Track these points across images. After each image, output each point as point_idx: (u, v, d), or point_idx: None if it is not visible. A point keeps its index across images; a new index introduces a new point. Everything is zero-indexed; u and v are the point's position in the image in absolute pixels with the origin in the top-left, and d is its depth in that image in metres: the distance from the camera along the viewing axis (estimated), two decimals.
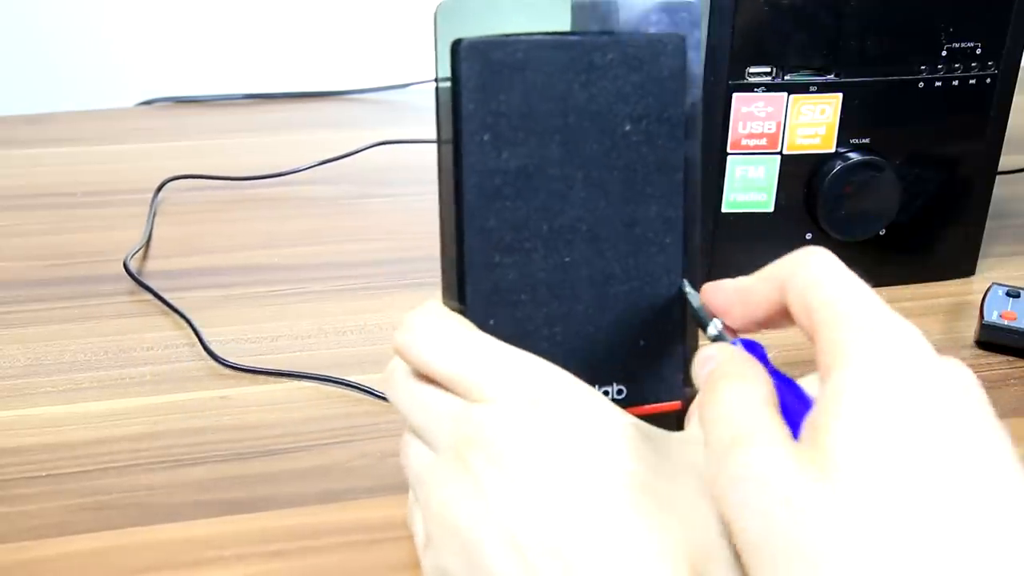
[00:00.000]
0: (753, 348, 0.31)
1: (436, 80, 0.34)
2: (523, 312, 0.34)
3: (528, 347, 0.32)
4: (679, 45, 0.35)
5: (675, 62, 0.35)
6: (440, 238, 0.35)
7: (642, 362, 0.36)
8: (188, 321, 0.54)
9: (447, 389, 0.32)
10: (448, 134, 0.34)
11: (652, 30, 0.35)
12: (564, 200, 0.34)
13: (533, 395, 0.31)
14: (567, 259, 0.35)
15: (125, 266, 0.60)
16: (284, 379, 0.50)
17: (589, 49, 0.34)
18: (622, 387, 0.36)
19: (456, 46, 0.33)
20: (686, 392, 0.36)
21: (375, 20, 1.05)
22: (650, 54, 0.34)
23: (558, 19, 0.35)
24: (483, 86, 0.33)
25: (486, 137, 0.33)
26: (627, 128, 0.34)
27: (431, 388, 0.33)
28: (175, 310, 0.55)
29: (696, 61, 0.35)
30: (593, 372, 0.34)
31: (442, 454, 0.32)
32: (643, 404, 0.36)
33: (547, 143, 0.34)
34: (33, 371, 0.51)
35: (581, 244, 0.35)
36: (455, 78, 0.33)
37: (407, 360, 0.34)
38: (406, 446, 0.35)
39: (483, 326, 0.33)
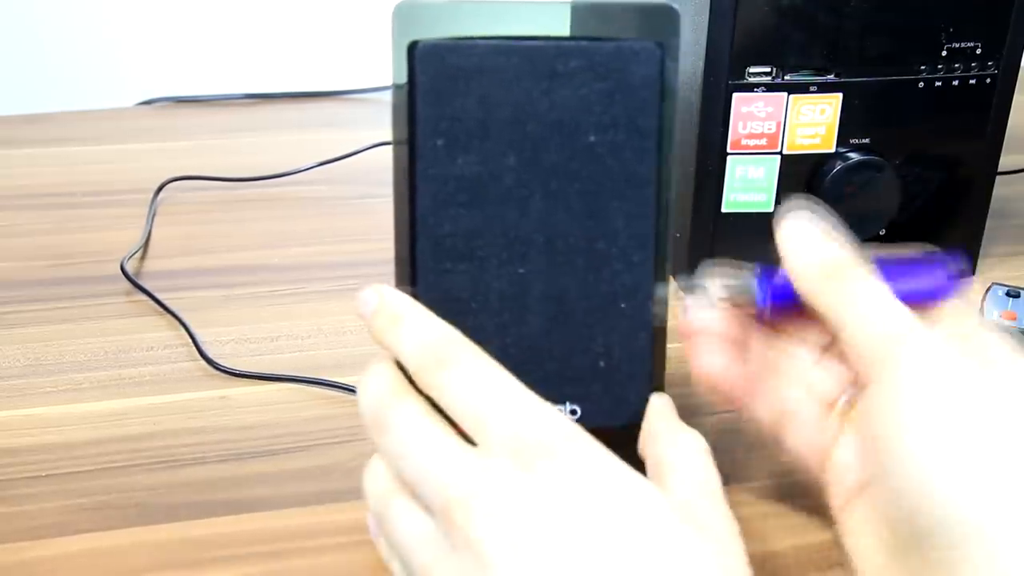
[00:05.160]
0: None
1: (393, 82, 0.33)
2: (473, 320, 0.33)
3: None
4: (653, 53, 0.33)
5: (647, 71, 0.33)
6: (394, 236, 0.35)
7: (600, 383, 0.34)
8: (183, 324, 0.54)
9: (448, 422, 0.30)
10: (402, 135, 0.33)
11: (628, 35, 0.34)
12: (521, 210, 0.33)
13: (539, 451, 0.28)
14: (522, 271, 0.33)
15: (122, 268, 0.59)
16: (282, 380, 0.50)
17: (551, 55, 0.33)
18: (576, 407, 0.34)
19: (412, 48, 0.32)
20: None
21: (375, 20, 1.04)
22: (620, 62, 0.33)
23: (521, 22, 0.33)
24: (438, 90, 0.32)
25: (440, 142, 0.32)
26: (591, 139, 0.33)
27: (432, 427, 0.30)
28: (171, 312, 0.55)
29: (674, 70, 0.34)
30: (544, 388, 0.32)
31: (437, 515, 0.29)
32: (598, 426, 0.32)
33: (504, 151, 0.33)
34: (33, 371, 0.51)
35: (538, 256, 0.33)
36: (411, 81, 0.32)
37: (427, 380, 0.31)
38: (389, 514, 0.32)
39: None
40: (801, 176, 0.55)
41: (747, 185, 0.55)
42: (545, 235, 0.33)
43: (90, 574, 0.38)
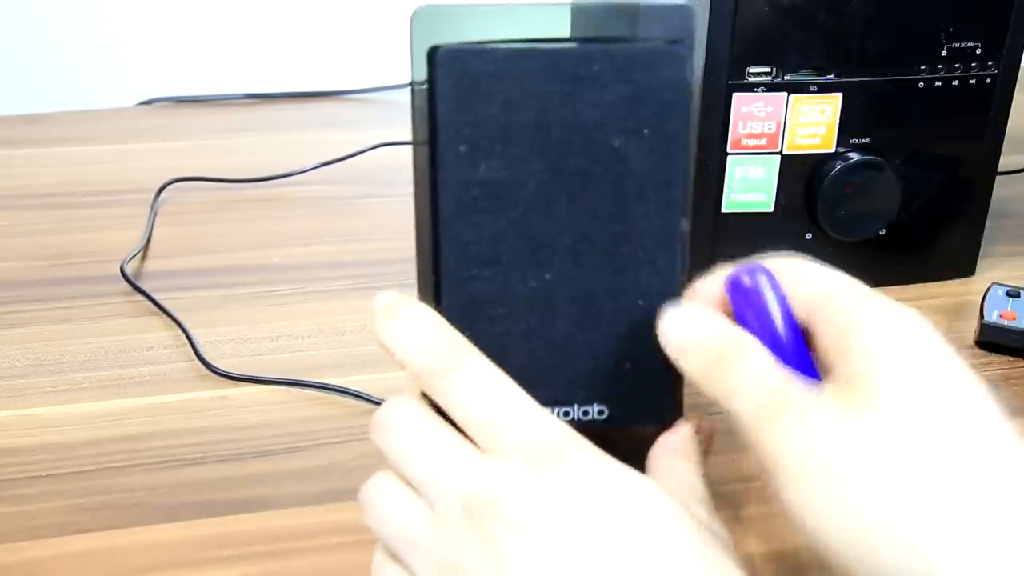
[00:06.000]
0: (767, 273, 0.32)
1: (412, 84, 0.33)
2: (500, 326, 0.33)
3: (504, 362, 0.31)
4: (675, 55, 0.33)
5: (671, 73, 0.33)
6: (416, 239, 0.34)
7: (628, 384, 0.34)
8: (181, 326, 0.54)
9: (459, 430, 0.30)
10: (423, 137, 0.33)
11: (643, 35, 0.34)
12: (546, 215, 0.33)
13: (551, 455, 0.29)
14: (548, 275, 0.33)
15: (121, 270, 0.59)
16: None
17: (573, 59, 0.32)
18: (604, 407, 0.34)
19: (433, 53, 0.32)
20: (675, 414, 0.34)
21: (376, 20, 1.05)
22: (644, 64, 0.33)
23: (541, 25, 0.33)
24: (460, 96, 0.32)
25: (463, 148, 0.32)
26: (616, 143, 0.33)
27: (446, 432, 0.30)
28: (168, 314, 0.55)
29: (691, 71, 0.33)
30: (573, 391, 0.33)
31: (445, 512, 0.29)
32: (626, 426, 0.34)
33: (528, 156, 0.32)
34: (33, 371, 0.51)
35: (563, 261, 0.33)
36: (431, 86, 0.32)
37: (435, 385, 0.31)
38: (381, 505, 0.31)
39: None
40: (801, 176, 0.55)
41: (747, 185, 0.55)
42: (570, 239, 0.33)
43: (90, 574, 0.38)
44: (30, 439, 0.45)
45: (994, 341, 0.53)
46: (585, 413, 0.34)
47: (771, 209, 0.56)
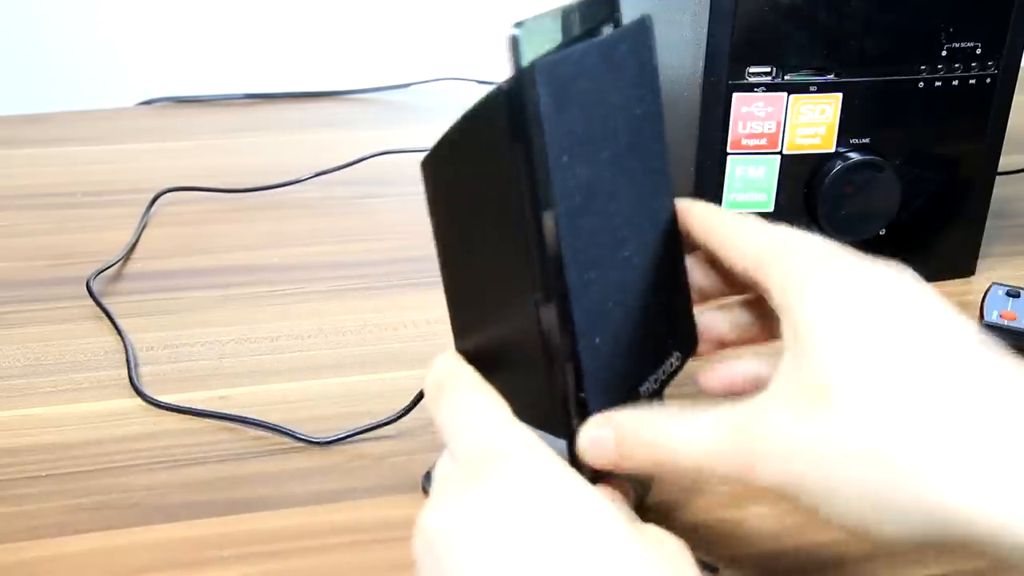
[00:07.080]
0: None
1: (470, 118, 0.32)
2: (616, 321, 0.34)
3: (621, 344, 0.34)
4: (649, 22, 0.36)
5: (651, 40, 0.36)
6: (448, 283, 0.35)
7: (679, 329, 0.38)
8: (127, 347, 0.52)
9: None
10: (494, 157, 0.32)
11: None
12: (616, 199, 0.34)
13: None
14: (625, 253, 0.35)
15: (88, 285, 0.58)
16: (234, 414, 0.50)
17: (612, 45, 0.34)
18: (678, 353, 0.38)
19: (531, 71, 0.31)
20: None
21: (375, 20, 1.05)
22: (640, 36, 0.35)
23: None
24: (557, 105, 0.31)
25: (565, 158, 0.32)
26: (638, 111, 0.35)
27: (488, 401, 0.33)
28: (119, 332, 0.54)
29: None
30: (665, 348, 0.37)
31: (460, 464, 0.32)
32: (685, 361, 0.39)
33: (600, 148, 0.33)
34: (33, 371, 0.51)
35: (631, 235, 0.35)
36: (530, 102, 0.31)
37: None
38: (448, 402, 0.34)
39: (592, 348, 0.33)
40: (801, 176, 0.55)
41: (747, 185, 0.55)
42: (630, 213, 0.35)
43: (90, 574, 0.38)
44: (30, 439, 0.45)
45: None
46: (671, 364, 0.37)
47: (771, 209, 0.56)
